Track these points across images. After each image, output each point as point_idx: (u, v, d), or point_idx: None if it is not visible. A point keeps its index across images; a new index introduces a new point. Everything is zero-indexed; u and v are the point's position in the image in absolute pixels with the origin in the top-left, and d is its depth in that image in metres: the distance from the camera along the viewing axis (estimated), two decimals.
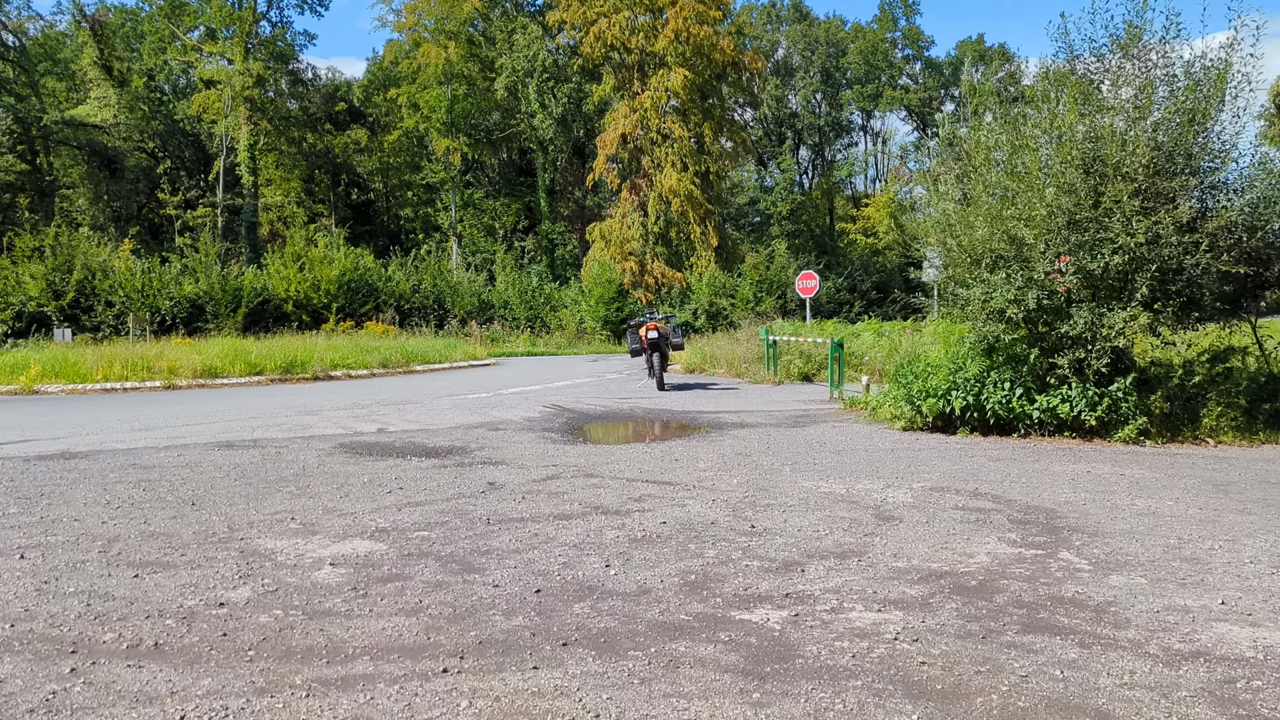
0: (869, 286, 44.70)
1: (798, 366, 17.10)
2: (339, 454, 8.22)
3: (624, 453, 8.19)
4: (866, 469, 7.22)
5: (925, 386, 8.90)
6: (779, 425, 10.10)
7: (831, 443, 8.64)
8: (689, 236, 40.62)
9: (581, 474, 7.07)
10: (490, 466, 7.48)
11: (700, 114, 41.45)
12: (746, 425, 10.14)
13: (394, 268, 38.48)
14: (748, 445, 8.55)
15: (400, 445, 8.80)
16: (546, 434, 9.55)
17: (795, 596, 4.08)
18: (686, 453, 8.13)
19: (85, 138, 46.74)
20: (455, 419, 10.96)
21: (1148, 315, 7.96)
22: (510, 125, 50.83)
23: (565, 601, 4.02)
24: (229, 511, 5.80)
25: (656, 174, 40.58)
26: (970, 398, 8.57)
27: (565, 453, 8.20)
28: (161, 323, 31.01)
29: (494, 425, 10.32)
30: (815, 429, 9.70)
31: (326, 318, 33.67)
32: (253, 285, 33.55)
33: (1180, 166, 8.23)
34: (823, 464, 7.47)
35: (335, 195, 59.85)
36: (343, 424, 10.48)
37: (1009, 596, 4.08)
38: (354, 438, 9.35)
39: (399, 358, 19.38)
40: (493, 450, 8.38)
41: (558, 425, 10.34)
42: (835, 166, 68.78)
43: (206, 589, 4.20)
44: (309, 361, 17.23)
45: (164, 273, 32.35)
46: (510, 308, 39.23)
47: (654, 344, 14.84)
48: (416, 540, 5.07)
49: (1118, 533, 5.22)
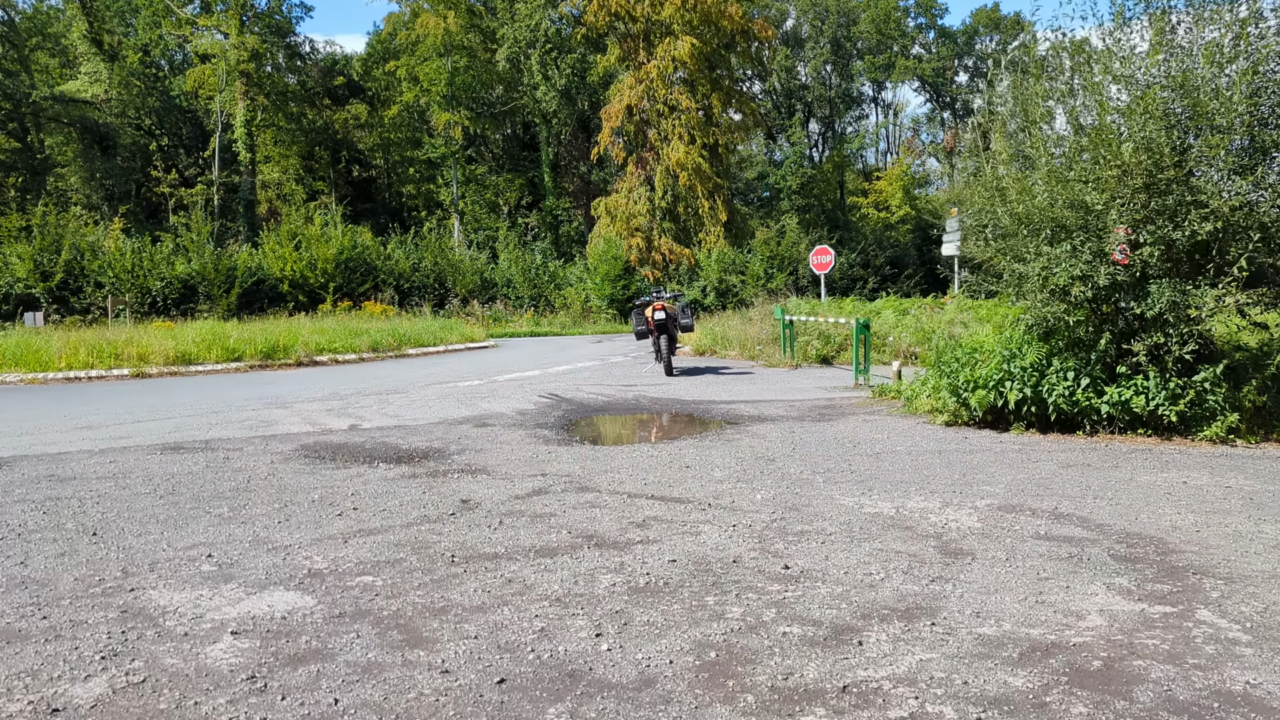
0: (883, 262, 43.35)
1: (815, 348, 15.92)
2: (296, 459, 7.09)
3: (626, 457, 7.04)
4: (915, 479, 6.06)
5: (973, 376, 7.71)
6: (802, 419, 8.93)
7: (867, 442, 7.48)
8: (697, 211, 39.29)
9: (574, 487, 5.93)
10: (468, 476, 6.34)
11: (708, 84, 39.97)
12: (766, 419, 8.98)
13: (393, 246, 37.29)
14: (770, 446, 7.39)
15: (370, 447, 7.67)
16: (539, 431, 8.40)
17: (857, 692, 2.93)
18: (699, 457, 6.98)
19: (76, 114, 45.51)
20: (440, 412, 9.82)
21: (1245, 294, 6.74)
22: (513, 99, 49.41)
23: (538, 701, 2.89)
24: (134, 545, 4.68)
25: (663, 147, 39.20)
26: (1028, 389, 7.38)
27: (558, 457, 7.06)
28: (152, 304, 29.98)
29: (481, 420, 9.18)
30: (845, 424, 8.53)
31: (323, 298, 32.60)
32: (247, 265, 32.50)
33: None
34: (861, 471, 6.32)
35: (336, 172, 58.54)
36: (313, 419, 9.36)
37: (1155, 692, 2.92)
38: (320, 437, 8.22)
39: (390, 341, 18.25)
40: (474, 454, 7.24)
41: (553, 420, 9.19)
42: (846, 139, 67.11)
43: (48, 678, 3.07)
44: (293, 346, 16.11)
45: (155, 252, 31.25)
46: (513, 286, 38.04)
47: (661, 325, 13.66)
48: (355, 590, 3.94)
49: (1259, 576, 4.05)
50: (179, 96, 52.59)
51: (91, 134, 45.95)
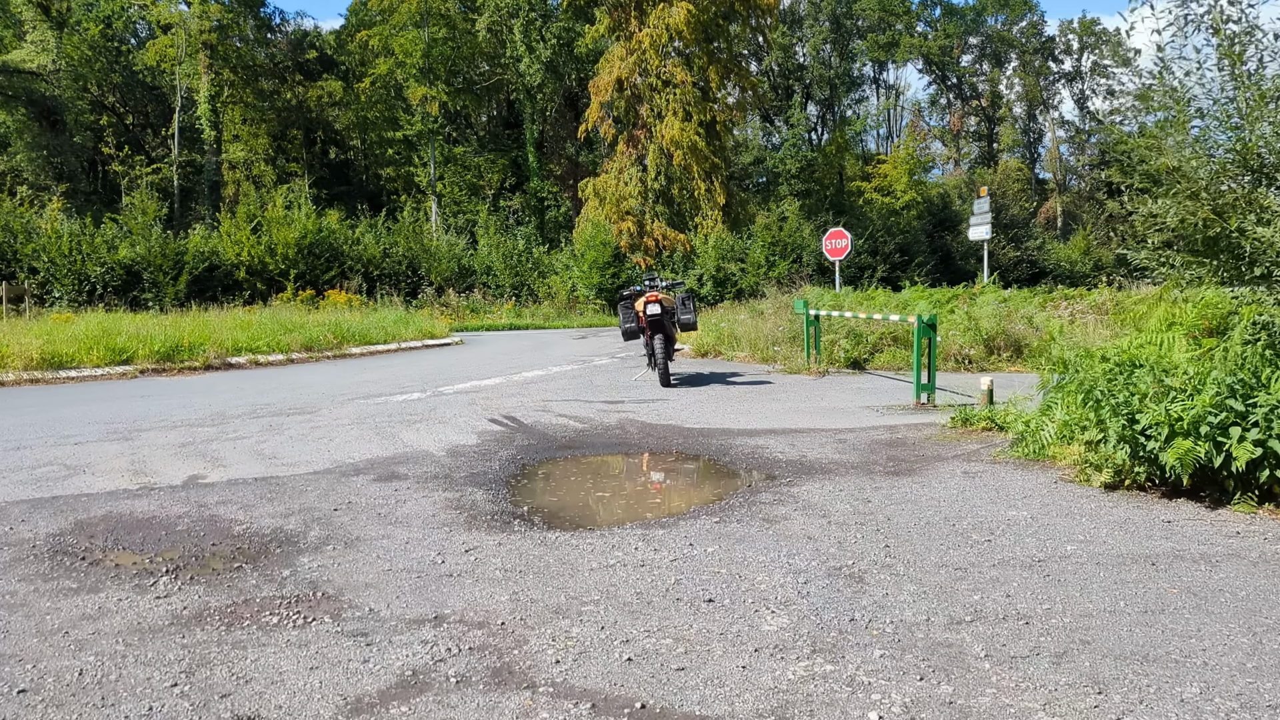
0: (892, 248, 40.33)
1: (844, 349, 12.94)
2: (31, 563, 4.09)
3: (598, 570, 4.03)
4: (1150, 645, 3.09)
5: (1162, 416, 4.72)
6: (869, 469, 5.94)
7: (1002, 529, 4.49)
8: (693, 194, 36.16)
9: (485, 674, 2.93)
10: (291, 627, 3.34)
11: (705, 57, 36.73)
12: (814, 468, 5.99)
13: (362, 229, 34.13)
14: (841, 538, 4.40)
15: (184, 528, 4.66)
16: (467, 495, 5.39)
17: None
18: (727, 567, 3.98)
19: (22, 86, 42.07)
20: (338, 451, 6.80)
21: None
22: (495, 74, 46.20)
23: None
24: None
25: (657, 124, 36.03)
26: (1275, 440, 4.40)
27: (479, 567, 4.05)
28: (91, 291, 26.90)
29: (391, 468, 6.16)
30: (940, 482, 5.54)
31: (284, 285, 29.54)
32: (199, 249, 29.41)
33: None
34: (1036, 616, 3.33)
35: (310, 154, 55.17)
36: (145, 465, 6.33)
37: None
38: (125, 503, 5.20)
39: (329, 337, 15.14)
40: (339, 553, 4.23)
41: (495, 469, 6.17)
42: (848, 121, 63.95)
43: None
44: (202, 344, 13.03)
45: (96, 235, 28.17)
46: (494, 274, 34.92)
47: (655, 322, 10.63)
48: None
49: None
50: (142, 71, 49.26)
51: (38, 107, 42.56)
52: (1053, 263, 51.16)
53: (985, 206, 23.69)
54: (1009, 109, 70.74)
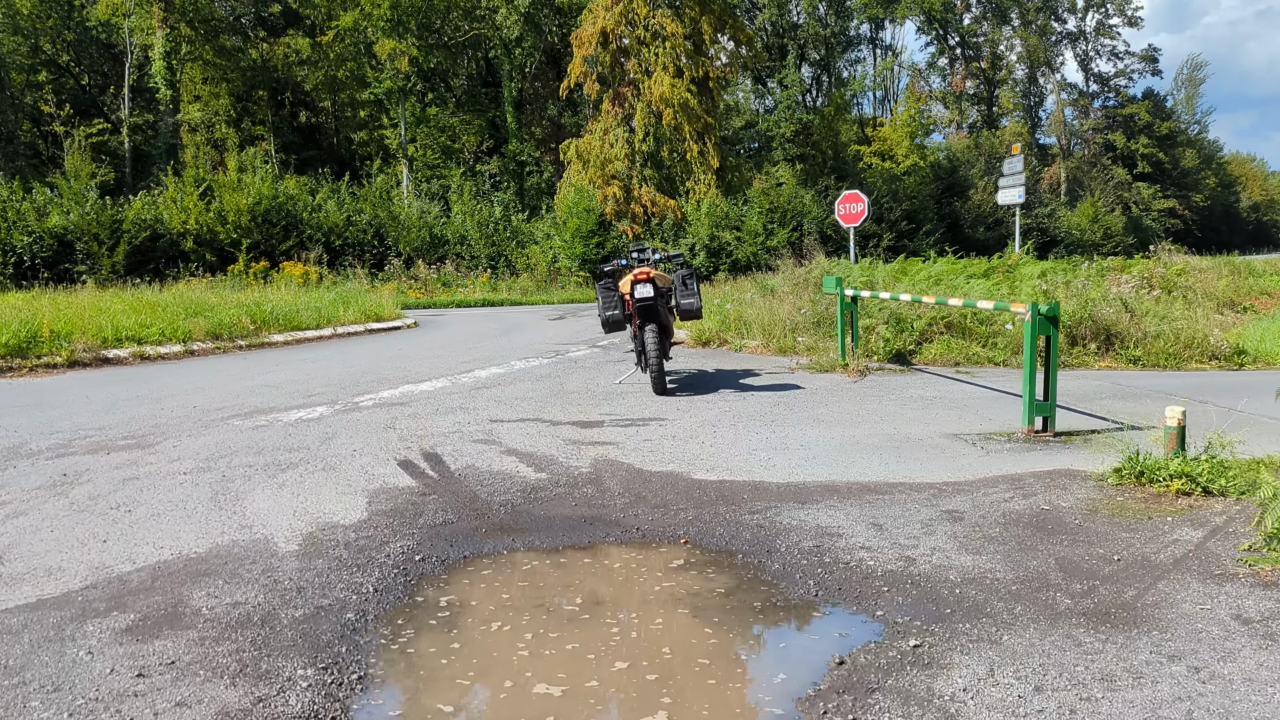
0: (898, 215, 37.50)
1: (884, 339, 10.24)
2: None
3: None
4: None
5: None
6: (1045, 605, 3.23)
7: None
8: (684, 156, 33.20)
9: None
10: None
11: (697, 7, 33.58)
12: (938, 598, 3.29)
13: (323, 195, 31.07)
14: None
15: None
16: (274, 696, 2.67)
17: None
18: None
19: None
20: (120, 544, 4.04)
21: None
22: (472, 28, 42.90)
23: None
24: None
25: (645, 80, 32.98)
26: None
27: None
28: (17, 264, 23.93)
29: (176, 597, 3.41)
30: (1209, 649, 2.85)
31: (236, 257, 26.60)
32: (139, 217, 26.37)
33: None
34: None
35: (278, 116, 51.70)
36: None
37: None
38: None
39: (247, 322, 12.27)
40: None
41: (361, 600, 3.41)
42: (845, 83, 60.73)
43: None
44: (67, 334, 10.21)
45: (24, 201, 25.18)
46: (468, 244, 31.90)
47: (647, 309, 7.79)
48: None
49: None
50: (96, 28, 45.79)
51: None
52: (1063, 230, 48.45)
53: (1018, 166, 20.96)
54: (1009, 72, 67.68)
